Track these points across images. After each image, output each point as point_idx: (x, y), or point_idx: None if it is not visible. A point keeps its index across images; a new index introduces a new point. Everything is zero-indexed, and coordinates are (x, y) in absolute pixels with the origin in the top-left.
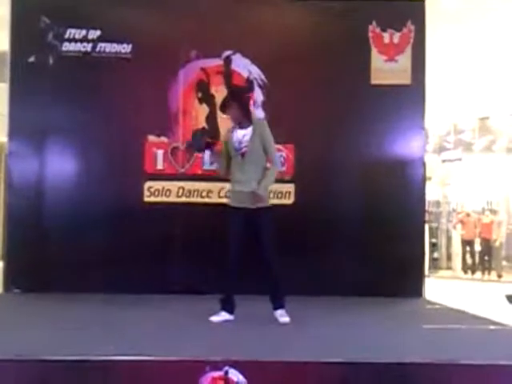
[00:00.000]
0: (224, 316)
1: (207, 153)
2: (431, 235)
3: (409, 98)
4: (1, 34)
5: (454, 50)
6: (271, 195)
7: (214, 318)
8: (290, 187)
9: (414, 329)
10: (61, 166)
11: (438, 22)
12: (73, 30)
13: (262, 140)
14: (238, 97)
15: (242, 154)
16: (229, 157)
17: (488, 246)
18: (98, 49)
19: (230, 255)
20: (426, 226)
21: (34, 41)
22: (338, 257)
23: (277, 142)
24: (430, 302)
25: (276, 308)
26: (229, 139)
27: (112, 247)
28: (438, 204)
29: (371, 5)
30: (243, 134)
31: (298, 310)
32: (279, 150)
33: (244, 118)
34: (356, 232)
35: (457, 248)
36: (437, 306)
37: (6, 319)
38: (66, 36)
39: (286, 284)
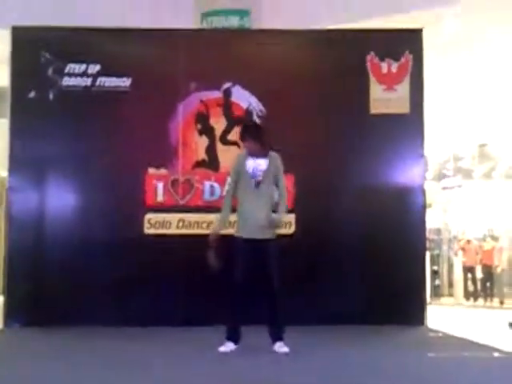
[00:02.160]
0: (230, 346)
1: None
2: (432, 262)
3: (408, 126)
4: (1, 69)
5: (453, 78)
6: None
7: (221, 349)
8: (291, 217)
9: (418, 357)
10: (61, 199)
11: (436, 51)
12: (73, 65)
13: (276, 172)
14: (253, 131)
15: (258, 183)
16: (236, 186)
17: (490, 273)
18: (97, 83)
19: (237, 285)
20: (427, 254)
21: (35, 76)
22: (339, 285)
23: None
24: (432, 330)
25: (274, 341)
26: (242, 166)
27: (113, 280)
28: (438, 231)
29: (369, 35)
30: (259, 164)
31: (298, 339)
32: None
33: (260, 151)
34: (357, 260)
35: (458, 275)
36: (439, 334)
37: (5, 354)
38: (66, 71)
39: (288, 313)
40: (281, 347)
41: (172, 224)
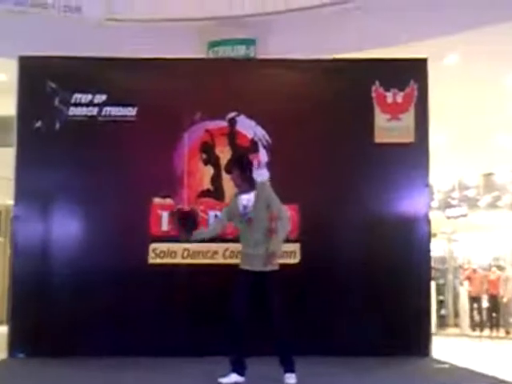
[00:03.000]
0: (234, 378)
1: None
2: (438, 292)
3: (413, 155)
4: (8, 99)
5: (458, 107)
6: None
7: (224, 380)
8: (296, 246)
9: None
10: (66, 229)
11: (441, 79)
12: (79, 95)
13: (268, 201)
14: (238, 164)
15: (248, 221)
16: (229, 220)
17: (495, 303)
18: (103, 113)
19: (235, 315)
20: (433, 283)
21: (41, 105)
22: (343, 316)
23: (282, 202)
24: (438, 361)
25: (286, 371)
26: (233, 205)
27: (118, 310)
28: (444, 260)
29: (374, 64)
30: (247, 199)
31: (303, 370)
32: None
33: (244, 184)
34: (362, 290)
35: (464, 305)
36: (445, 365)
37: None
38: (73, 101)
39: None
40: (288, 378)
41: (177, 253)
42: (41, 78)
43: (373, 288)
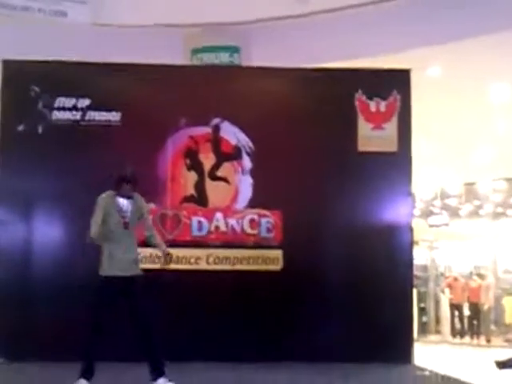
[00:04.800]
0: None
1: None
2: (419, 299)
3: (395, 164)
4: None
5: (440, 117)
6: (260, 261)
7: None
8: (278, 253)
9: None
10: (48, 233)
11: (424, 90)
12: (62, 99)
13: (141, 210)
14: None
15: (125, 224)
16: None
17: (476, 310)
18: (87, 117)
19: (97, 323)
20: (414, 291)
21: (24, 109)
22: (325, 322)
23: (264, 208)
24: (419, 368)
25: (156, 378)
26: (109, 202)
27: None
28: (425, 268)
29: (357, 74)
30: (126, 204)
31: (284, 376)
32: (266, 216)
33: (130, 193)
34: (344, 297)
35: (445, 312)
36: (427, 373)
37: None
38: (56, 105)
39: (275, 349)
40: (165, 382)
41: (160, 259)
42: (24, 82)
43: (355, 295)
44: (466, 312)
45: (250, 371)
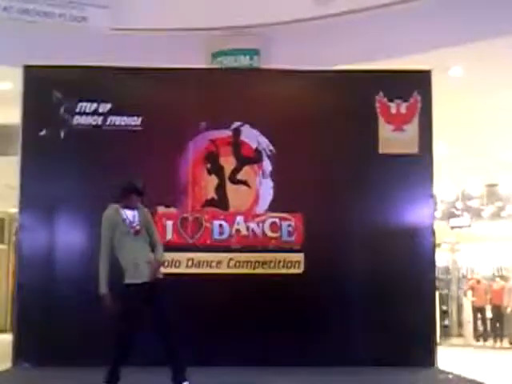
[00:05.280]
0: None
1: None
2: (442, 302)
3: (417, 166)
4: (12, 107)
5: (461, 118)
6: (281, 264)
7: None
8: (300, 256)
9: None
10: (71, 238)
11: (446, 91)
12: (84, 104)
13: (147, 224)
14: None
15: (136, 232)
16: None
17: (499, 313)
18: (108, 122)
19: (130, 329)
20: (437, 293)
21: (46, 114)
22: (348, 326)
23: (285, 212)
24: (442, 372)
25: (180, 383)
26: (115, 218)
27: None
28: (447, 271)
29: (378, 75)
30: (132, 214)
31: (305, 381)
32: (287, 220)
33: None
34: (366, 301)
35: (468, 315)
36: (450, 376)
37: None
38: (77, 110)
39: (298, 353)
40: None
41: (181, 263)
42: (46, 87)
43: (377, 298)
44: (489, 314)
45: (274, 376)
